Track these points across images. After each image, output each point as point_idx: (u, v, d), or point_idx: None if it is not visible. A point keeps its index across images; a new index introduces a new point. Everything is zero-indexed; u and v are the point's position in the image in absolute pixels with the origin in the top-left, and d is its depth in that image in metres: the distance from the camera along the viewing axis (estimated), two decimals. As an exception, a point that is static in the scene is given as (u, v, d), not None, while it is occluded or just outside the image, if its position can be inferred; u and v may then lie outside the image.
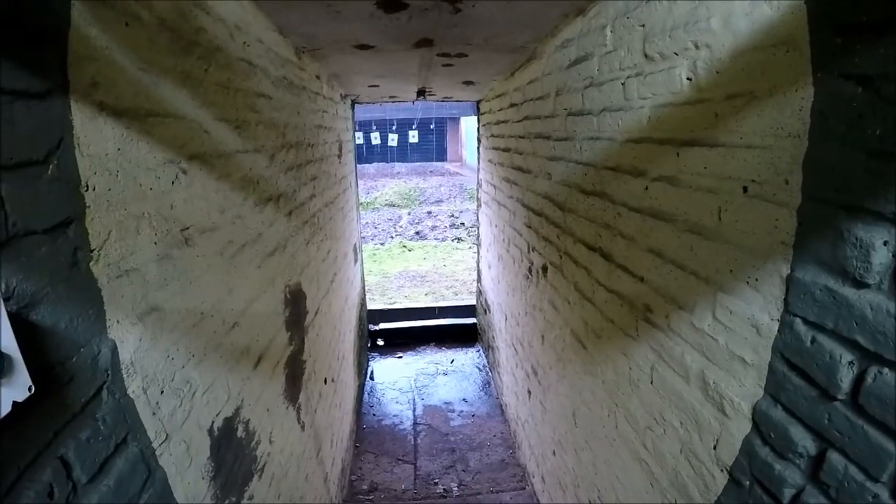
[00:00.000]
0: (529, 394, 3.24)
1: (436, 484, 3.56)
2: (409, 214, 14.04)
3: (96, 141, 0.78)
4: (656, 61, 1.31)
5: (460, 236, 11.58)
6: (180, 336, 1.05)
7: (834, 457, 0.79)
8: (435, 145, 28.22)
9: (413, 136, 23.17)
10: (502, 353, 4.25)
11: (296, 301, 2.14)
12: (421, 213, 14.06)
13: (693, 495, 1.23)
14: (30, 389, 0.60)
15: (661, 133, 1.31)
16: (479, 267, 5.46)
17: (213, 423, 1.22)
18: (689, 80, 1.16)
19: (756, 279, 0.95)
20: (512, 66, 2.96)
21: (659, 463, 1.41)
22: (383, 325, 5.83)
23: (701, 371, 1.17)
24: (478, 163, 5.15)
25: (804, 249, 0.83)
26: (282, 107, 1.97)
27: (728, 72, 1.02)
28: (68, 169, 0.71)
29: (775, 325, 0.91)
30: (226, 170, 1.35)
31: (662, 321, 1.35)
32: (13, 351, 0.57)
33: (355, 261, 4.62)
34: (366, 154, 25.63)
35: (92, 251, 0.76)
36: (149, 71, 0.95)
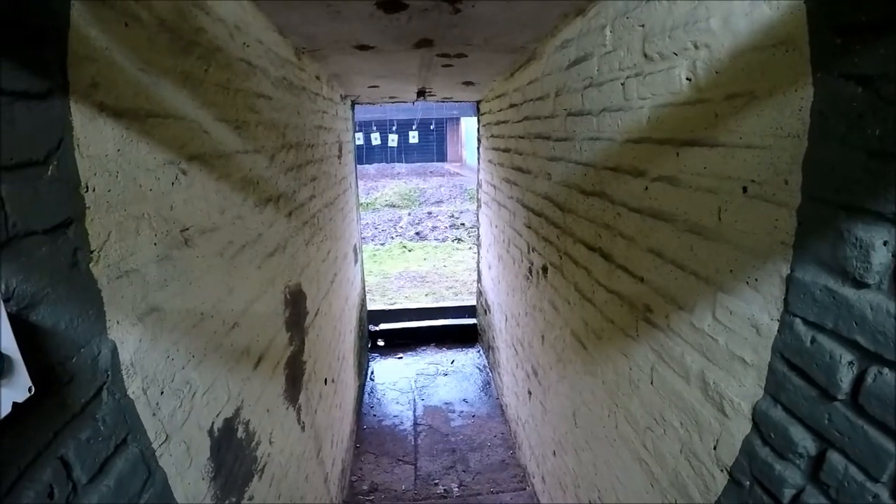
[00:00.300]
0: (530, 394, 3.24)
1: (436, 484, 3.56)
2: (409, 215, 14.03)
3: (96, 142, 0.78)
4: (656, 61, 1.31)
5: (460, 237, 11.58)
6: (180, 337, 1.05)
7: (834, 457, 0.79)
8: (435, 146, 28.23)
9: (413, 137, 23.17)
10: (502, 354, 4.25)
11: (296, 302, 2.14)
12: (421, 214, 14.06)
13: (693, 495, 1.23)
14: (30, 390, 0.60)
15: (660, 133, 1.31)
16: (480, 267, 5.46)
17: (213, 423, 1.22)
18: (688, 80, 1.16)
19: (756, 279, 0.95)
20: (512, 66, 2.96)
21: (659, 463, 1.41)
22: (383, 326, 5.83)
23: (701, 371, 1.17)
24: (478, 163, 5.15)
25: (804, 249, 0.83)
26: (282, 107, 1.98)
27: (728, 72, 1.02)
28: (68, 170, 0.71)
29: (775, 326, 0.91)
30: (226, 170, 1.35)
31: (662, 321, 1.35)
32: (13, 352, 0.57)
33: (355, 261, 4.63)
34: (366, 154, 25.63)
35: (92, 252, 0.76)
36: (149, 71, 0.95)
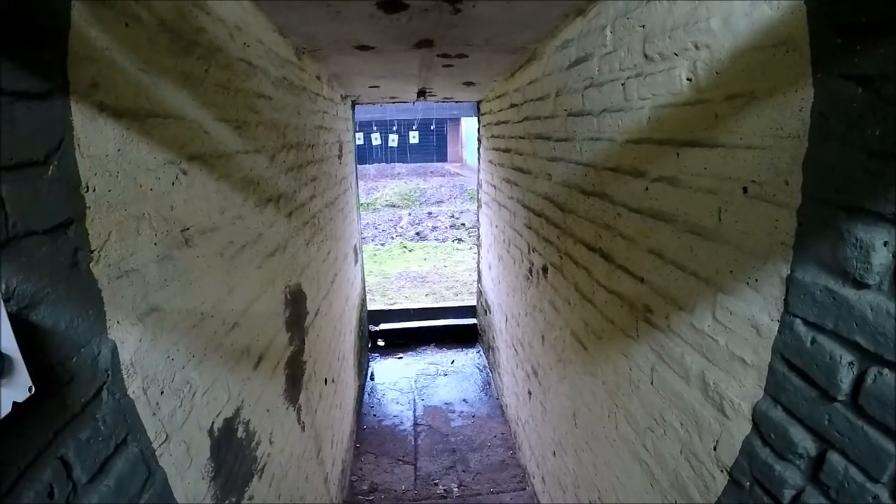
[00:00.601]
0: (530, 394, 3.24)
1: (436, 484, 3.55)
2: (409, 215, 14.04)
3: (96, 142, 0.78)
4: (656, 62, 1.31)
5: (461, 237, 11.58)
6: (180, 336, 1.05)
7: (834, 458, 0.78)
8: (435, 146, 28.24)
9: (413, 137, 23.18)
10: (503, 354, 4.25)
11: (296, 302, 2.14)
12: (421, 214, 14.06)
13: (693, 496, 1.23)
14: (30, 390, 0.60)
15: (661, 133, 1.31)
16: (480, 267, 5.46)
17: (213, 423, 1.22)
18: (688, 80, 1.16)
19: (756, 280, 0.95)
20: (512, 66, 2.96)
21: (659, 464, 1.41)
22: (384, 326, 5.83)
23: (701, 372, 1.17)
24: (478, 163, 5.15)
25: (804, 250, 0.83)
26: (282, 107, 1.98)
27: (728, 72, 1.02)
28: (68, 169, 0.71)
29: (775, 326, 0.91)
30: (226, 170, 1.35)
31: (662, 322, 1.35)
32: (13, 351, 0.57)
33: (356, 261, 4.63)
34: (366, 155, 25.65)
35: (92, 252, 0.76)
36: (149, 71, 0.95)
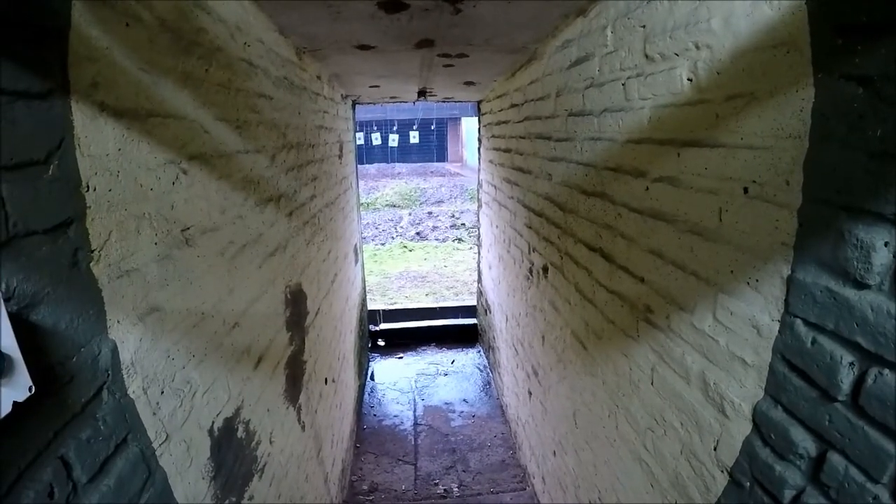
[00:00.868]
0: (530, 394, 3.24)
1: (436, 484, 3.56)
2: (409, 215, 14.04)
3: (97, 141, 0.78)
4: (657, 62, 1.31)
5: (461, 237, 11.58)
6: (181, 336, 1.06)
7: (834, 458, 0.78)
8: (436, 146, 28.24)
9: (414, 137, 23.16)
10: (503, 354, 4.25)
11: (296, 301, 2.14)
12: (422, 214, 14.06)
13: (693, 496, 1.23)
14: (30, 389, 0.60)
15: (661, 134, 1.31)
16: (480, 267, 5.46)
17: (213, 423, 1.22)
18: (689, 80, 1.16)
19: (757, 280, 0.95)
20: (513, 66, 2.96)
21: (659, 464, 1.41)
22: (384, 326, 5.83)
23: (701, 372, 1.17)
24: (478, 163, 5.15)
25: (805, 250, 0.83)
26: (282, 107, 1.98)
27: (729, 72, 1.02)
28: (69, 169, 0.71)
29: (776, 326, 0.91)
30: (226, 170, 1.35)
31: (663, 322, 1.35)
32: (13, 351, 0.57)
33: (356, 261, 4.63)
34: (366, 154, 25.66)
35: (92, 251, 0.76)
36: (149, 71, 0.95)
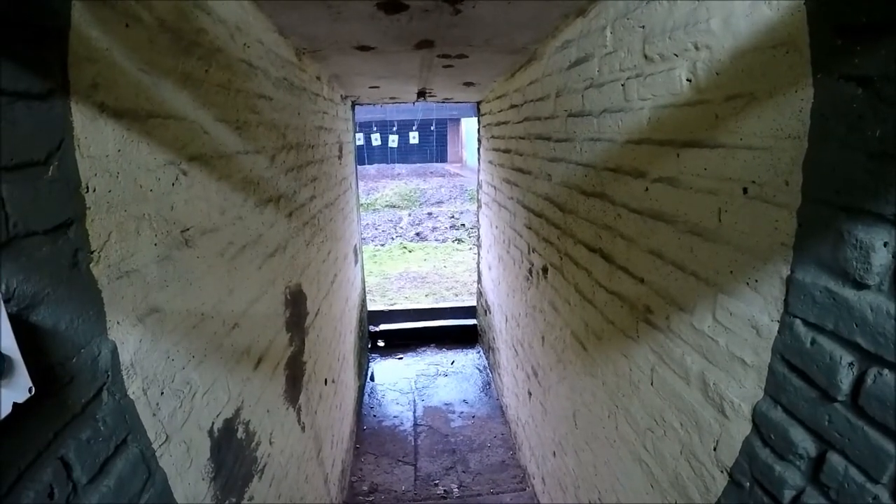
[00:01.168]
0: (530, 395, 3.24)
1: (436, 485, 3.55)
2: (409, 216, 14.04)
3: (97, 142, 0.78)
4: (656, 62, 1.31)
5: (461, 237, 11.58)
6: (181, 337, 1.05)
7: (834, 458, 0.78)
8: (435, 146, 28.23)
9: (413, 138, 23.13)
10: (503, 355, 4.25)
11: (296, 302, 2.14)
12: (421, 215, 14.06)
13: (693, 496, 1.23)
14: (30, 390, 0.60)
15: (661, 134, 1.31)
16: (480, 268, 5.46)
17: (213, 424, 1.22)
18: (688, 81, 1.17)
19: (756, 280, 0.95)
20: (512, 67, 2.96)
21: (659, 464, 1.41)
22: (384, 327, 5.83)
23: (701, 372, 1.17)
24: (478, 164, 5.16)
25: (804, 251, 0.83)
26: (282, 108, 1.98)
27: (728, 73, 1.02)
28: (69, 170, 0.71)
29: (775, 327, 0.91)
30: (226, 171, 1.35)
31: (663, 322, 1.35)
32: (13, 352, 0.57)
33: (356, 262, 4.63)
34: (366, 155, 25.64)
35: (92, 252, 0.76)
36: (149, 72, 0.95)
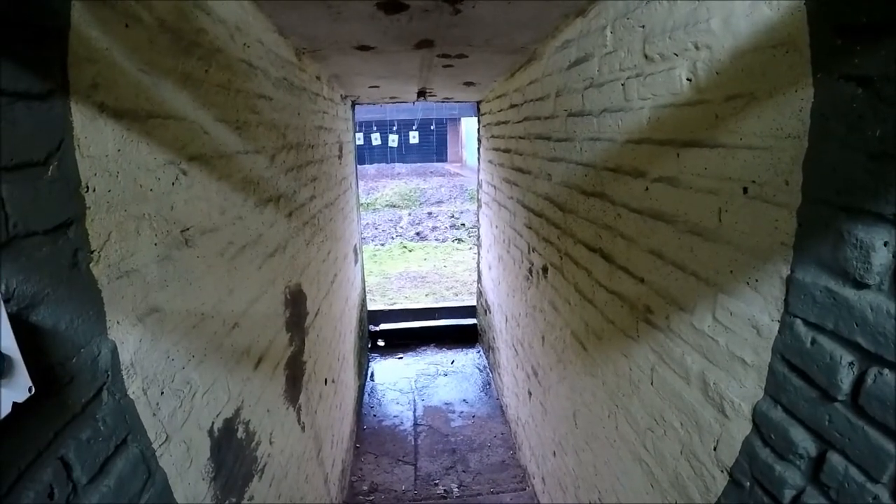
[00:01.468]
0: (530, 395, 3.24)
1: (436, 485, 3.55)
2: (409, 215, 14.04)
3: (97, 142, 0.78)
4: (656, 62, 1.31)
5: (461, 237, 11.58)
6: (181, 337, 1.05)
7: (834, 458, 0.79)
8: (435, 146, 28.24)
9: (413, 137, 23.15)
10: (503, 354, 4.25)
11: (296, 302, 2.14)
12: (421, 214, 14.06)
13: (693, 496, 1.23)
14: (30, 390, 0.60)
15: (661, 134, 1.31)
16: (480, 268, 5.46)
17: (213, 423, 1.22)
18: (689, 80, 1.17)
19: (756, 280, 0.95)
20: (512, 66, 2.96)
21: (659, 464, 1.41)
22: (384, 326, 5.83)
23: (701, 372, 1.17)
24: (478, 164, 5.15)
25: (804, 250, 0.83)
26: (282, 108, 1.98)
27: (728, 73, 1.02)
28: (68, 170, 0.71)
29: (775, 326, 0.91)
30: (226, 171, 1.35)
31: (663, 322, 1.35)
32: (13, 352, 0.57)
33: (356, 261, 4.63)
34: (366, 155, 25.66)
35: (92, 252, 0.76)
36: (149, 72, 0.95)
